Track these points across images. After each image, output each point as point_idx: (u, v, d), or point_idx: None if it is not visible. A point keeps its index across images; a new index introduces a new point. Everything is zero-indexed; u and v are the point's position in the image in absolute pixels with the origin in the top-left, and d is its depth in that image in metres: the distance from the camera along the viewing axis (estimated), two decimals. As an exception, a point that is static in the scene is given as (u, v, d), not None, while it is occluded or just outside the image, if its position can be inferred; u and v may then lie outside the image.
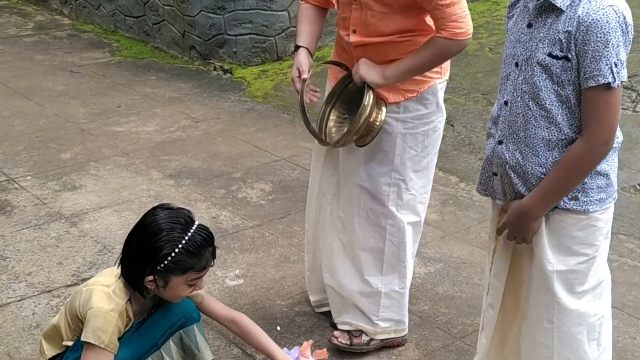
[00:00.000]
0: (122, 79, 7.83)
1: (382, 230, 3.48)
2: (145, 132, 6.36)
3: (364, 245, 3.52)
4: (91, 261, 4.34)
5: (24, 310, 3.91)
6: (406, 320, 3.66)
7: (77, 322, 2.90)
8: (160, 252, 2.81)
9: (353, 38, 3.27)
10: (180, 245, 2.81)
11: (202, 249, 2.85)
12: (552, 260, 2.60)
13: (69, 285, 4.10)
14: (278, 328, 3.78)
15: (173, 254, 2.80)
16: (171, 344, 3.07)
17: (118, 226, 4.71)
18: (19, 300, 3.99)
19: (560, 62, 2.42)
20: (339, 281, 3.60)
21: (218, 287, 4.12)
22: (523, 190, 2.58)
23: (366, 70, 3.22)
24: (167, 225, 2.85)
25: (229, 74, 7.88)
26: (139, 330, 3.00)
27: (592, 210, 2.56)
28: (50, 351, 3.04)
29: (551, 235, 2.59)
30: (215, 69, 8.03)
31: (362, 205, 3.46)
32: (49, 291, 4.07)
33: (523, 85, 2.52)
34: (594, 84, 2.36)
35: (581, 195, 2.53)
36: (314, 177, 3.68)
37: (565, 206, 2.55)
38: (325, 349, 3.27)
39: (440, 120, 3.45)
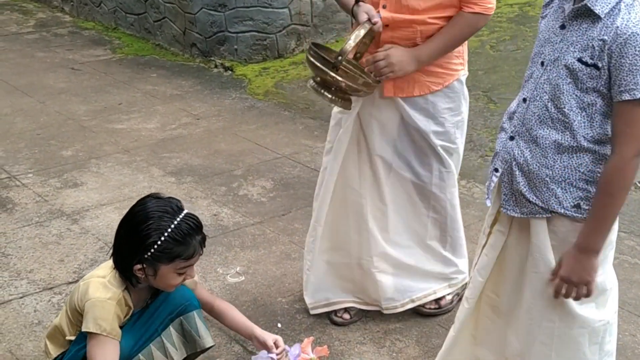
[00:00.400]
0: (123, 76, 7.83)
1: (428, 210, 3.65)
2: (146, 129, 6.37)
3: (412, 228, 3.67)
4: (92, 258, 4.35)
5: (25, 307, 3.92)
6: (464, 268, 3.88)
7: (78, 316, 2.92)
8: (147, 240, 2.82)
9: (383, 14, 3.24)
10: (166, 234, 2.82)
11: (189, 237, 2.86)
12: (554, 261, 2.59)
13: (71, 283, 4.11)
14: (279, 325, 3.79)
15: (159, 242, 2.82)
16: (171, 330, 3.08)
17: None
18: (21, 298, 4.00)
19: (588, 69, 2.38)
20: (392, 262, 3.70)
21: (219, 285, 4.13)
22: (524, 189, 2.56)
23: (400, 62, 3.24)
24: (155, 214, 2.86)
25: (230, 72, 7.88)
26: (140, 319, 3.02)
27: None
28: (55, 351, 3.06)
29: (552, 238, 2.57)
30: (216, 66, 8.03)
31: (407, 193, 3.60)
32: (51, 288, 4.08)
33: (545, 85, 2.49)
34: (629, 98, 2.32)
35: (583, 203, 2.49)
36: (331, 175, 3.64)
37: (567, 213, 2.51)
38: (326, 346, 3.27)
39: (466, 110, 3.56)
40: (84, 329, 2.84)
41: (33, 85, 7.50)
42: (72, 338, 2.98)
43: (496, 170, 2.67)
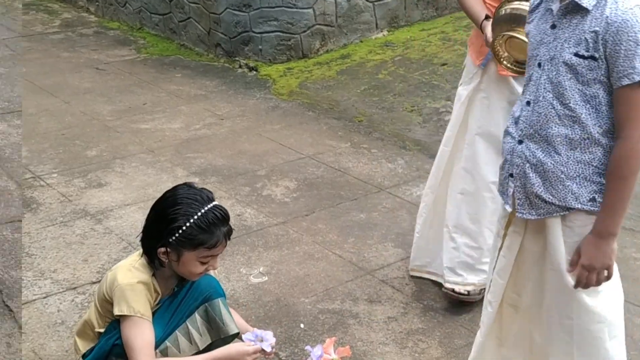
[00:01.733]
0: (147, 76, 7.86)
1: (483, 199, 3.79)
2: (170, 129, 6.38)
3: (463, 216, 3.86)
4: (116, 258, 4.35)
5: (49, 307, 3.93)
6: None
7: (107, 305, 2.95)
8: (173, 224, 2.88)
9: None
10: (192, 220, 2.87)
11: (214, 227, 2.89)
12: (567, 258, 2.60)
13: (94, 282, 4.12)
14: (302, 325, 3.78)
15: (184, 227, 2.87)
16: (196, 316, 3.10)
17: (143, 223, 4.71)
18: (44, 297, 4.01)
19: (586, 61, 2.44)
20: (467, 239, 3.87)
21: (242, 285, 4.13)
22: (539, 190, 2.57)
23: None
24: (185, 200, 2.92)
25: (254, 72, 7.88)
26: (169, 307, 3.06)
27: None
28: (84, 346, 3.09)
29: (566, 234, 2.59)
30: (240, 66, 8.04)
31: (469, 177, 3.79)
32: (74, 288, 4.09)
33: (547, 85, 2.53)
34: (629, 82, 2.37)
35: (598, 196, 2.52)
36: (446, 146, 3.88)
37: (583, 207, 2.54)
38: (348, 346, 3.26)
39: None
40: (117, 313, 2.88)
41: (58, 85, 7.54)
42: (102, 330, 3.01)
43: (511, 175, 2.68)
